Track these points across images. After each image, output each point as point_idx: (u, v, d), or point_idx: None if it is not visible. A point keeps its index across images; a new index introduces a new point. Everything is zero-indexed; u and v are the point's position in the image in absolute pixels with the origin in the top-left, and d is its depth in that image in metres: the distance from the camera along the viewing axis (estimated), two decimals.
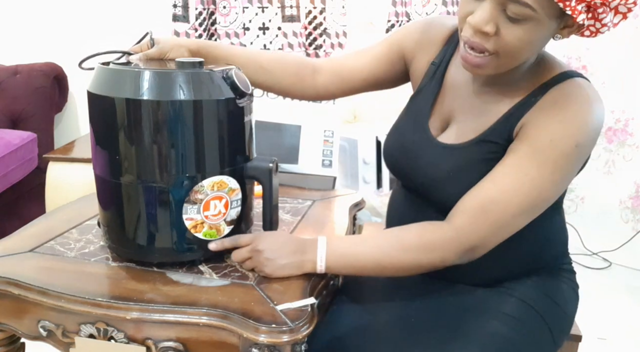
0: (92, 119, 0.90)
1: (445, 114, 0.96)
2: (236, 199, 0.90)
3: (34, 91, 2.36)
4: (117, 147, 0.84)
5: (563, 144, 0.81)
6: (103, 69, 0.87)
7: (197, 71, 0.84)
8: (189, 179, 0.85)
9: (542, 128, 0.82)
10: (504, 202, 0.82)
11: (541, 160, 0.81)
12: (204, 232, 0.89)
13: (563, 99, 0.82)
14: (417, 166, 0.94)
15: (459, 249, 0.85)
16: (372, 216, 1.85)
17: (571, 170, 0.84)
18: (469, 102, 0.93)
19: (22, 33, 2.56)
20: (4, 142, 2.08)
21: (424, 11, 2.43)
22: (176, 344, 0.82)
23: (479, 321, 0.89)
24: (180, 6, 2.39)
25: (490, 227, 0.84)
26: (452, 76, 0.97)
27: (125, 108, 0.82)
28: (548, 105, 0.83)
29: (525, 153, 0.82)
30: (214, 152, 0.86)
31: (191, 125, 0.84)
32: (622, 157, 2.59)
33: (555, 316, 0.95)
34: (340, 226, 1.10)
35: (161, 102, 0.82)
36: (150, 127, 0.83)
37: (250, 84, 0.91)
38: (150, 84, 0.82)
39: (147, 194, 0.86)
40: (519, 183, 0.82)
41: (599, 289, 2.16)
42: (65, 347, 0.87)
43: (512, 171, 0.83)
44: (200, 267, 0.91)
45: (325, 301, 0.97)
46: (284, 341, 0.75)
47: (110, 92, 0.83)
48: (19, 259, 0.93)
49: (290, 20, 2.45)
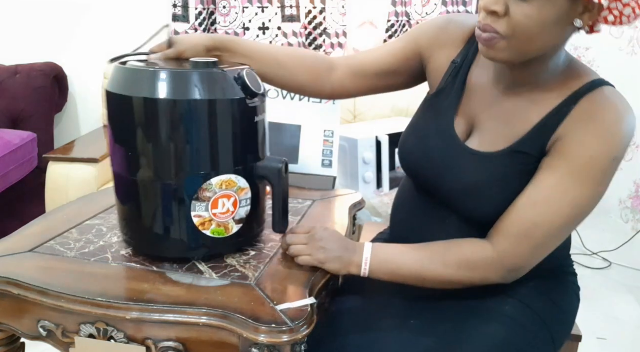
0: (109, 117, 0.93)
1: (470, 117, 0.93)
2: (245, 198, 0.91)
3: (34, 91, 2.36)
4: (131, 144, 0.87)
5: (602, 160, 0.80)
6: (120, 68, 0.88)
7: (210, 71, 0.86)
8: (197, 177, 0.86)
9: (579, 144, 0.80)
10: (547, 226, 0.82)
11: (582, 179, 0.80)
12: (212, 230, 0.89)
13: (596, 111, 0.81)
14: (443, 173, 0.92)
15: (500, 271, 0.86)
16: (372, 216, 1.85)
17: (607, 184, 0.83)
18: (495, 107, 0.90)
19: (22, 33, 2.57)
20: (4, 142, 2.08)
21: (424, 11, 2.43)
22: (176, 344, 0.82)
23: (478, 322, 0.89)
24: (180, 6, 2.39)
25: (533, 250, 0.85)
26: (475, 77, 0.94)
27: (136, 106, 0.85)
28: (581, 119, 0.81)
29: (565, 172, 0.81)
30: (223, 151, 0.87)
31: (200, 124, 0.85)
32: None
33: (556, 319, 0.94)
34: (340, 226, 1.10)
35: (171, 100, 0.83)
36: (160, 126, 0.85)
37: (262, 83, 0.92)
38: (163, 83, 0.84)
39: (158, 191, 0.88)
40: (561, 205, 0.81)
41: (599, 289, 2.16)
42: (65, 347, 0.87)
43: (554, 193, 0.81)
44: (200, 267, 0.91)
45: (325, 301, 0.97)
46: (284, 341, 0.75)
47: (126, 91, 0.86)
48: (19, 259, 0.93)
49: (290, 20, 2.45)
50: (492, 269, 0.86)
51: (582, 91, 0.83)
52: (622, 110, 0.81)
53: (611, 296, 2.12)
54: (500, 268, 0.85)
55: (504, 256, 0.84)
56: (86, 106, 2.66)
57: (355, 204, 1.23)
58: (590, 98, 0.82)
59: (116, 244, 0.98)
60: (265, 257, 0.95)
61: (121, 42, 2.54)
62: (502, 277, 0.86)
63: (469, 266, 0.86)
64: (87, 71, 2.58)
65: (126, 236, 0.95)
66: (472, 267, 0.86)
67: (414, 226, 0.99)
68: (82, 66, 2.58)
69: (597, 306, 2.03)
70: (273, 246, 0.98)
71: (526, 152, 0.85)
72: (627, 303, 2.09)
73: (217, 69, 0.87)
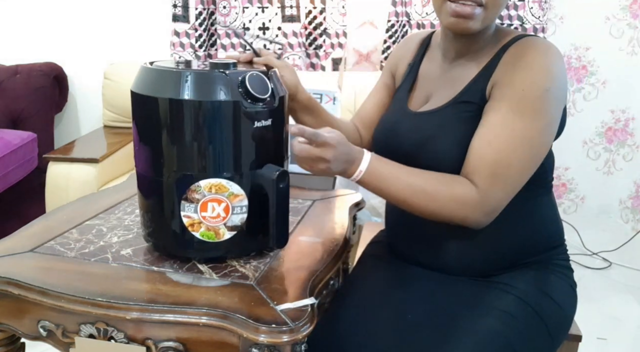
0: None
1: (423, 95, 1.04)
2: (240, 205, 0.89)
3: (34, 91, 2.36)
4: (134, 140, 0.92)
5: (534, 90, 0.87)
6: (142, 68, 0.90)
7: (209, 72, 0.85)
8: (186, 177, 0.86)
9: (511, 82, 0.88)
10: (506, 160, 0.87)
11: (521, 111, 0.87)
12: (201, 233, 0.89)
13: (522, 52, 0.90)
14: (399, 137, 1.00)
15: (478, 212, 0.88)
16: (372, 216, 1.85)
17: (551, 116, 0.89)
18: (442, 78, 1.02)
19: (22, 33, 2.57)
20: (4, 142, 2.08)
21: (424, 11, 2.43)
22: (176, 344, 0.82)
23: (474, 317, 0.89)
24: (180, 6, 2.39)
25: (504, 188, 0.88)
26: (425, 67, 1.08)
27: (133, 103, 0.89)
28: (510, 61, 0.90)
29: (505, 109, 0.88)
30: (212, 154, 0.86)
31: (186, 124, 0.85)
32: (622, 157, 2.60)
33: (552, 313, 0.95)
34: (340, 226, 1.10)
35: (160, 98, 0.85)
36: (149, 123, 0.87)
37: (279, 88, 0.92)
38: (155, 81, 0.86)
39: (155, 187, 0.90)
40: (512, 139, 0.87)
41: (599, 289, 2.16)
42: (65, 347, 0.87)
43: (502, 130, 0.88)
44: (200, 267, 0.91)
45: (325, 301, 0.97)
46: (284, 341, 0.75)
47: (134, 87, 0.89)
48: (19, 259, 0.93)
49: (290, 20, 2.45)
50: (474, 210, 0.88)
51: (510, 42, 0.94)
52: (545, 47, 0.89)
53: (611, 296, 2.12)
54: (479, 209, 0.88)
55: (484, 196, 0.88)
56: (86, 106, 2.66)
57: (355, 204, 1.24)
58: (517, 44, 0.92)
59: (116, 244, 0.98)
60: (265, 257, 0.95)
61: (121, 42, 2.54)
62: (477, 220, 0.89)
63: (456, 202, 0.88)
64: (87, 71, 2.59)
65: (143, 228, 0.97)
66: (458, 206, 0.88)
67: (401, 216, 1.03)
68: (82, 66, 2.58)
69: (597, 306, 2.03)
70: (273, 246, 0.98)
71: (467, 101, 0.94)
72: (627, 303, 2.09)
73: (223, 69, 0.87)
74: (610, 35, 2.46)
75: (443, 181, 0.90)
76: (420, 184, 0.90)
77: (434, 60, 1.06)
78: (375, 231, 1.22)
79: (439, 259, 0.99)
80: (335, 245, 1.01)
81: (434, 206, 0.89)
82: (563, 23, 2.44)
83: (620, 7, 2.43)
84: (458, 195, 0.88)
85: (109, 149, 2.13)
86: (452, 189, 0.88)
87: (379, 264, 1.08)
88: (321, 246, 1.01)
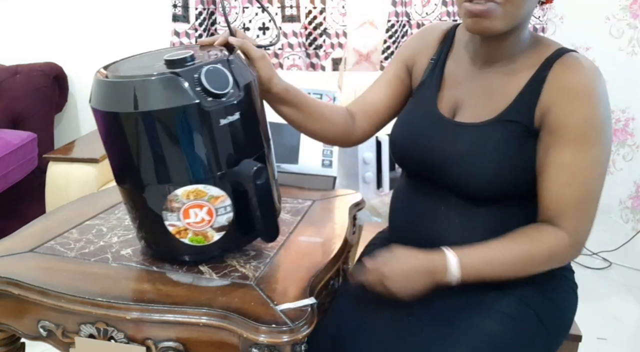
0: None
1: (452, 100, 0.98)
2: (223, 206, 0.86)
3: (34, 91, 2.36)
4: (108, 155, 0.90)
5: (596, 120, 0.86)
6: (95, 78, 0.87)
7: (161, 77, 0.79)
8: (160, 188, 0.83)
9: (570, 114, 0.86)
10: (588, 195, 0.88)
11: (589, 141, 0.87)
12: (190, 238, 0.87)
13: (574, 76, 0.87)
14: (430, 146, 0.95)
15: (574, 252, 0.90)
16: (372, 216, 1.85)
17: (610, 139, 0.90)
18: (474, 84, 0.96)
19: (22, 33, 2.57)
20: (4, 142, 2.08)
21: (424, 11, 2.43)
22: (176, 344, 0.82)
23: (473, 319, 0.89)
24: (180, 6, 2.39)
25: (590, 219, 0.90)
26: (451, 67, 1.01)
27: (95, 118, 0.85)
28: (559, 86, 0.87)
29: (573, 143, 0.87)
30: (181, 163, 0.82)
31: (150, 137, 0.80)
32: (622, 157, 2.59)
33: (553, 316, 0.94)
34: (340, 226, 1.10)
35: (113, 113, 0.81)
36: (112, 138, 0.85)
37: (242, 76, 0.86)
38: (109, 94, 0.81)
39: (134, 199, 0.89)
40: (587, 172, 0.87)
41: (599, 289, 2.16)
42: (65, 347, 0.87)
43: (575, 168, 0.87)
44: (200, 267, 0.91)
45: (325, 301, 0.97)
46: (284, 341, 0.75)
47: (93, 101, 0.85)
48: (19, 259, 0.93)
49: (290, 20, 2.45)
50: (570, 253, 0.90)
51: (552, 58, 0.90)
52: (593, 69, 0.88)
53: (611, 296, 2.12)
54: (574, 249, 0.90)
55: (577, 236, 0.89)
56: (86, 106, 2.65)
57: (355, 204, 1.23)
58: (563, 64, 0.89)
59: (116, 244, 0.98)
60: (265, 257, 0.95)
61: (121, 42, 2.54)
62: (573, 257, 0.92)
63: (554, 259, 0.90)
64: (87, 71, 2.58)
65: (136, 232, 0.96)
66: (555, 257, 0.90)
67: (411, 216, 1.00)
68: (82, 66, 2.58)
69: (597, 306, 2.03)
70: (273, 246, 0.98)
71: (513, 120, 0.90)
72: (627, 303, 2.09)
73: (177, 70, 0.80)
74: (610, 35, 2.46)
75: (532, 241, 0.89)
76: (515, 257, 0.89)
77: (461, 61, 1.00)
78: (375, 231, 1.22)
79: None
80: (335, 245, 1.01)
81: (535, 269, 0.90)
82: (563, 23, 2.44)
83: (620, 7, 2.43)
84: (553, 248, 0.88)
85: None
86: (545, 245, 0.88)
87: None
88: (321, 246, 1.01)
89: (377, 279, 0.87)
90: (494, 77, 0.94)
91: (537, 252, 0.88)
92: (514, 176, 0.90)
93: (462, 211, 0.93)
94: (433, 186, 0.96)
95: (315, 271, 0.91)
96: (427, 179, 0.97)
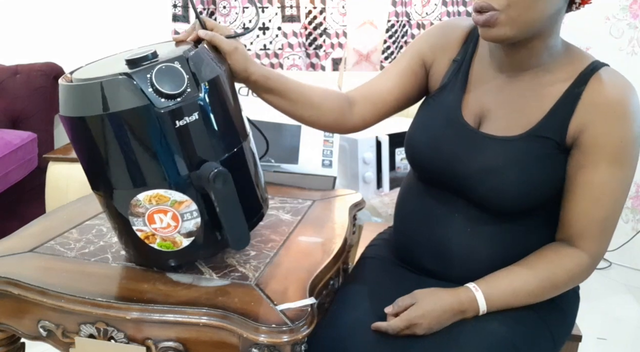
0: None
1: (477, 107, 0.95)
2: (189, 211, 0.82)
3: (34, 91, 2.36)
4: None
5: (630, 140, 0.85)
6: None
7: (112, 79, 0.76)
8: (124, 193, 0.81)
9: (606, 133, 0.85)
10: (615, 214, 0.89)
11: (621, 162, 0.86)
12: (158, 244, 0.85)
13: (607, 95, 0.85)
14: (454, 156, 0.92)
15: (592, 271, 0.91)
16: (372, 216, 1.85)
17: (638, 159, 0.89)
18: (502, 95, 0.93)
19: (22, 33, 2.57)
20: (4, 142, 2.08)
21: (424, 11, 2.43)
22: (176, 344, 0.82)
23: (477, 320, 0.89)
24: (180, 6, 2.39)
25: (610, 238, 0.90)
26: (477, 71, 0.96)
27: (64, 123, 0.83)
28: (595, 104, 0.85)
29: (607, 163, 0.86)
30: (136, 166, 0.79)
31: (103, 140, 0.78)
32: None
33: (556, 318, 0.95)
34: (340, 226, 1.10)
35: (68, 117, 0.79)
36: (77, 143, 0.83)
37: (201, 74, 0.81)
38: (68, 98, 0.80)
39: (105, 204, 0.87)
40: (617, 192, 0.87)
41: (599, 289, 2.16)
42: (65, 347, 0.87)
43: (608, 186, 0.87)
44: (200, 267, 0.91)
45: (325, 301, 0.97)
46: (284, 341, 0.75)
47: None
48: (19, 259, 0.93)
49: (290, 20, 2.45)
50: (588, 273, 0.91)
51: (587, 73, 0.87)
52: (629, 87, 0.87)
53: (611, 296, 2.12)
54: (592, 269, 0.91)
55: (596, 257, 0.90)
56: None
57: (355, 204, 1.23)
58: (597, 80, 0.86)
59: (116, 244, 0.98)
60: (265, 257, 0.95)
61: (121, 42, 2.53)
62: (591, 273, 0.92)
63: (574, 280, 0.91)
64: None
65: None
66: (576, 278, 0.91)
67: (420, 221, 0.99)
68: None
69: (597, 306, 2.03)
70: (273, 246, 0.98)
71: (546, 137, 0.88)
72: (627, 303, 2.09)
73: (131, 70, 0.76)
74: (610, 35, 2.46)
75: (553, 266, 0.89)
76: (538, 285, 0.89)
77: (487, 66, 0.95)
78: (376, 231, 1.22)
79: (445, 268, 0.97)
80: (335, 245, 1.01)
81: (556, 292, 0.91)
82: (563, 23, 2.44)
83: (620, 7, 2.43)
84: (574, 271, 0.89)
85: None
86: (566, 268, 0.89)
87: (380, 265, 1.07)
88: (321, 246, 1.01)
89: (406, 327, 0.86)
90: (524, 88, 0.91)
91: (559, 278, 0.89)
92: (541, 193, 0.90)
93: (476, 221, 0.93)
94: (449, 193, 0.95)
95: (315, 271, 0.91)
96: (444, 187, 0.96)
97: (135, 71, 0.76)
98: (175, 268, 0.90)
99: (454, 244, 0.94)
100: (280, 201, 1.19)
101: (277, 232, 1.04)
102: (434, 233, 0.96)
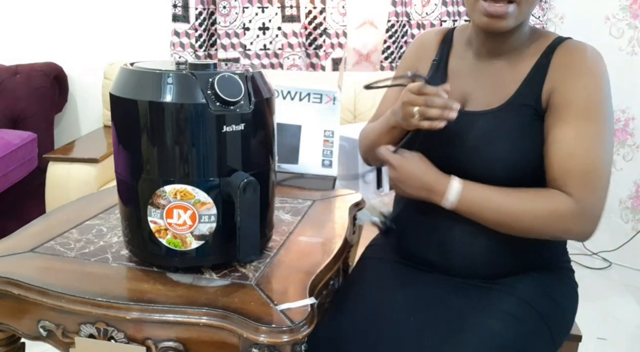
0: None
1: (459, 93, 1.00)
2: (208, 214, 0.84)
3: (34, 91, 2.36)
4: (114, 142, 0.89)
5: (598, 95, 0.89)
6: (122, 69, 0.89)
7: (176, 73, 0.81)
8: (149, 181, 0.83)
9: (573, 90, 0.89)
10: (594, 169, 0.88)
11: (591, 117, 0.88)
12: (168, 240, 0.86)
13: (573, 58, 0.92)
14: (445, 138, 0.96)
15: (581, 222, 0.88)
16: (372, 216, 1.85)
17: (612, 116, 0.91)
18: (481, 77, 0.99)
19: (22, 33, 2.57)
20: (4, 142, 2.08)
21: (424, 11, 2.43)
22: (176, 344, 0.82)
23: (477, 318, 0.89)
24: (180, 6, 2.39)
25: (598, 194, 0.88)
26: (454, 65, 1.05)
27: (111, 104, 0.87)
28: (563, 67, 0.91)
29: (575, 118, 0.88)
30: (175, 158, 0.82)
31: (150, 127, 0.81)
32: (622, 157, 2.60)
33: (555, 315, 0.95)
34: (340, 226, 1.10)
35: (123, 99, 0.83)
36: (119, 125, 0.86)
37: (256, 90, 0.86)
38: (127, 81, 0.84)
39: (124, 190, 0.89)
40: (590, 146, 0.88)
41: (599, 289, 2.16)
42: (65, 347, 0.87)
43: (578, 140, 0.88)
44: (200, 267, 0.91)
45: (325, 301, 0.97)
46: (284, 341, 0.75)
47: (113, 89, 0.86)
48: (19, 259, 0.93)
49: (290, 20, 2.45)
50: (575, 221, 0.88)
51: (553, 45, 0.95)
52: (595, 51, 0.93)
53: (611, 296, 2.13)
54: (580, 219, 0.88)
55: (584, 204, 0.87)
56: (86, 106, 2.66)
57: (355, 204, 1.23)
58: (565, 48, 0.94)
59: (116, 244, 0.98)
60: (265, 257, 0.95)
61: (121, 42, 2.54)
62: (582, 231, 0.89)
63: (557, 217, 0.88)
64: (87, 71, 2.59)
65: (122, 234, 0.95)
66: (559, 219, 0.88)
67: (420, 210, 1.00)
68: (82, 66, 2.58)
69: (597, 306, 2.03)
70: (273, 246, 0.99)
71: (523, 104, 0.93)
72: (627, 303, 2.09)
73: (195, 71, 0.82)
74: (610, 35, 2.46)
75: (538, 197, 0.89)
76: (517, 205, 0.89)
77: (464, 57, 1.03)
78: (375, 231, 1.22)
79: (446, 259, 0.98)
80: (335, 245, 1.01)
81: (535, 224, 0.89)
82: (563, 23, 2.45)
83: (620, 7, 2.43)
84: (557, 208, 0.88)
85: (108, 149, 2.14)
86: (550, 203, 0.88)
87: (380, 264, 1.08)
88: (321, 246, 1.01)
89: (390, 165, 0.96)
90: (500, 67, 0.98)
91: (540, 207, 0.88)
92: (528, 159, 0.92)
93: None
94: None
95: (316, 271, 0.91)
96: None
97: (199, 73, 0.82)
98: (176, 268, 0.90)
99: (453, 229, 0.96)
100: (280, 201, 1.19)
101: (277, 232, 1.04)
102: (434, 222, 0.98)
